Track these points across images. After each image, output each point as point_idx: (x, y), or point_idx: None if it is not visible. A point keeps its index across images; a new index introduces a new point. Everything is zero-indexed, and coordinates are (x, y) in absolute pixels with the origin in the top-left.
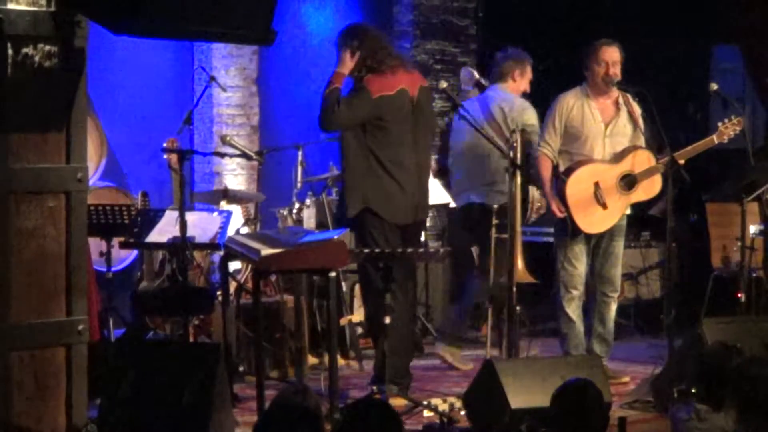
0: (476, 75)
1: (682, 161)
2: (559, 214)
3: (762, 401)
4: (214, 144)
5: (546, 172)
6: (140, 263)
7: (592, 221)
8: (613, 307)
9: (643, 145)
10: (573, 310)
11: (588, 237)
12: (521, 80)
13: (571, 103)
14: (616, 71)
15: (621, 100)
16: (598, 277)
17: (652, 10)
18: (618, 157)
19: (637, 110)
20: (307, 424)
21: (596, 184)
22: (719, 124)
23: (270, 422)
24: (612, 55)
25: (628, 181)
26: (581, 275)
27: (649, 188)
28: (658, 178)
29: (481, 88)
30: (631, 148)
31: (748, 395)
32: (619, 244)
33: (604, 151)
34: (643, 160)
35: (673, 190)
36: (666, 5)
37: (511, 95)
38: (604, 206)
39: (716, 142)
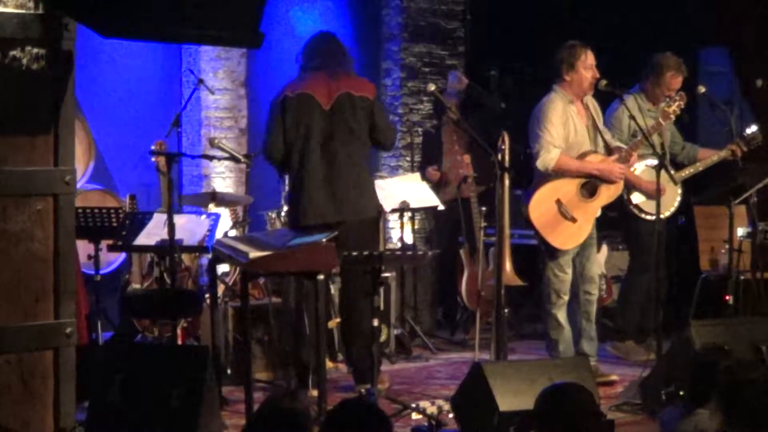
0: (464, 79)
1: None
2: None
3: (747, 404)
4: (203, 147)
5: (569, 159)
6: (128, 266)
7: (566, 237)
8: (595, 305)
9: (603, 147)
10: (562, 315)
11: None
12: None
13: (561, 109)
14: (596, 74)
15: (588, 104)
16: (581, 278)
17: (638, 13)
18: None
19: (599, 112)
20: (296, 427)
21: (558, 202)
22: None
23: (259, 425)
24: (593, 57)
25: (589, 189)
26: (570, 280)
27: (611, 190)
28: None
29: (471, 93)
30: (583, 155)
31: (734, 398)
32: (595, 242)
33: None
34: None
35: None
36: (651, 8)
37: None
38: (572, 220)
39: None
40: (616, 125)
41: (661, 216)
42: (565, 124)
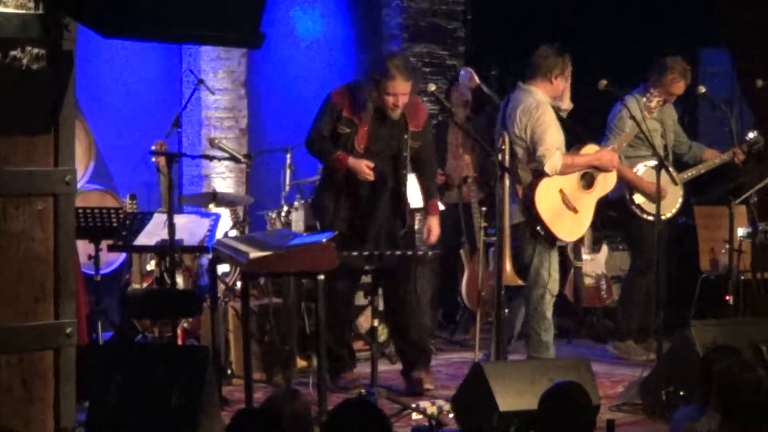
0: (476, 78)
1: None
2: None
3: (744, 404)
4: (203, 147)
5: (568, 157)
6: (128, 266)
7: (570, 229)
8: None
9: None
10: (551, 315)
11: None
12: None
13: (551, 111)
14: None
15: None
16: None
17: (638, 14)
18: None
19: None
20: (296, 427)
21: (561, 192)
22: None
23: (260, 425)
24: None
25: (587, 179)
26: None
27: (607, 181)
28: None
29: (477, 94)
30: (577, 147)
31: (732, 398)
32: None
33: None
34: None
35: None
36: (652, 8)
37: None
38: (574, 211)
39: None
40: (619, 126)
41: (663, 217)
42: (558, 127)
